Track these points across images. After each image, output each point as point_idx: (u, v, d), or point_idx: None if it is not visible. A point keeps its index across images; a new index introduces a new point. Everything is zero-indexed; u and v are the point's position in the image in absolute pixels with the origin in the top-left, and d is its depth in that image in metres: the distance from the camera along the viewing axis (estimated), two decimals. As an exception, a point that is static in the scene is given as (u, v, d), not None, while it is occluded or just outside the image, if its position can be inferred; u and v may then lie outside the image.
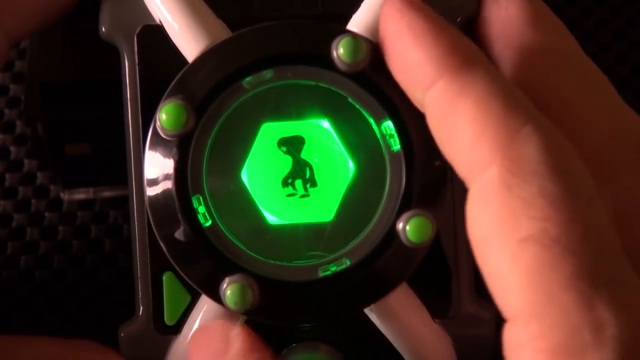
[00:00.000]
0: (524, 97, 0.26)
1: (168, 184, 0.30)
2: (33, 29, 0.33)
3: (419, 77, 0.27)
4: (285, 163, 0.31)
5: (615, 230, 0.25)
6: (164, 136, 0.29)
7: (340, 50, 0.29)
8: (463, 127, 0.26)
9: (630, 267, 0.24)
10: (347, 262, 0.30)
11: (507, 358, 0.25)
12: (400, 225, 0.29)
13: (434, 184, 0.30)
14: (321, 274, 0.30)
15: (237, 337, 0.29)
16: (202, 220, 0.30)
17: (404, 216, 0.29)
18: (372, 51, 0.29)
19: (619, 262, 0.24)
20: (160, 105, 0.29)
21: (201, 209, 0.30)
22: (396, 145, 0.30)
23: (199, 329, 0.30)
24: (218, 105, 0.30)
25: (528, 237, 0.24)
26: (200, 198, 0.30)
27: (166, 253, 0.30)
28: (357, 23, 0.30)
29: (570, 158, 0.25)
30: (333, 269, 0.30)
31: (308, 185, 0.31)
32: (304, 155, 0.31)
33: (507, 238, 0.24)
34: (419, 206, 0.29)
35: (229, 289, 0.29)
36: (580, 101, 0.29)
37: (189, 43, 0.30)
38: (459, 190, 0.31)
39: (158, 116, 0.29)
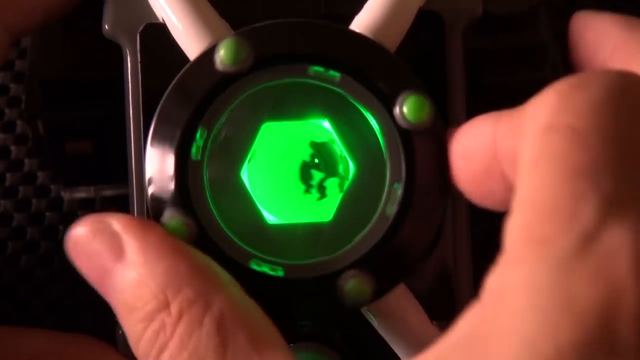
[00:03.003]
0: None
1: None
2: (34, 25, 0.33)
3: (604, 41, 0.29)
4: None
5: None
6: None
7: (222, 56, 0.29)
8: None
9: None
10: (399, 186, 0.30)
11: (503, 247, 0.24)
12: (397, 110, 0.30)
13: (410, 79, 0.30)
14: (389, 212, 0.30)
15: (126, 235, 0.28)
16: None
17: (398, 101, 0.30)
18: (254, 45, 0.29)
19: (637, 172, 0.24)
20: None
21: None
22: (336, 75, 0.30)
23: (73, 235, 0.29)
24: (194, 191, 0.30)
25: (554, 124, 0.24)
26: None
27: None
28: (360, 23, 0.30)
29: (631, 85, 0.25)
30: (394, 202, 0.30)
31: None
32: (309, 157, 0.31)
33: (537, 123, 0.24)
34: (409, 88, 0.30)
35: None
36: None
37: (192, 42, 0.30)
38: (458, 193, 0.31)
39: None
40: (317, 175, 0.31)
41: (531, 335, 0.21)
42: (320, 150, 0.31)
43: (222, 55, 0.29)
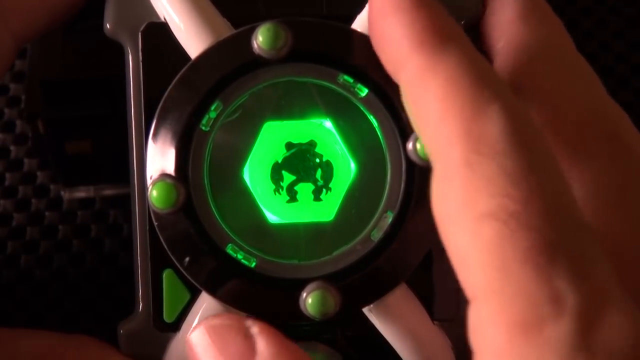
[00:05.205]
0: (496, 77, 0.26)
1: (190, 236, 0.30)
2: (39, 31, 0.33)
3: (397, 54, 0.27)
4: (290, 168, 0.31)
5: (579, 205, 0.25)
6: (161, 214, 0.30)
7: (259, 39, 0.29)
8: (431, 105, 0.26)
9: (593, 240, 0.24)
10: (391, 215, 0.30)
11: (471, 340, 0.25)
12: (410, 146, 0.29)
13: None
14: (375, 238, 0.30)
15: (260, 336, 0.28)
16: (246, 263, 0.30)
17: (411, 139, 0.29)
18: (292, 36, 0.29)
19: (581, 235, 0.24)
20: (149, 187, 0.30)
21: (240, 255, 0.30)
22: (362, 91, 0.30)
23: (209, 326, 0.29)
24: (196, 163, 0.30)
25: (487, 213, 0.24)
26: (235, 246, 0.30)
27: (169, 254, 0.30)
28: (362, 23, 0.30)
29: (534, 137, 0.25)
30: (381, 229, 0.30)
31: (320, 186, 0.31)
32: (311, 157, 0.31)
33: (467, 215, 0.24)
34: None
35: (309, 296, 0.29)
36: (559, 92, 0.29)
37: (194, 41, 0.30)
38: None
39: (149, 196, 0.30)
40: (287, 178, 0.31)
41: None
42: (296, 153, 0.31)
43: (260, 38, 0.29)
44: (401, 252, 0.30)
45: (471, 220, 0.24)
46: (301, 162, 0.31)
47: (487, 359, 0.24)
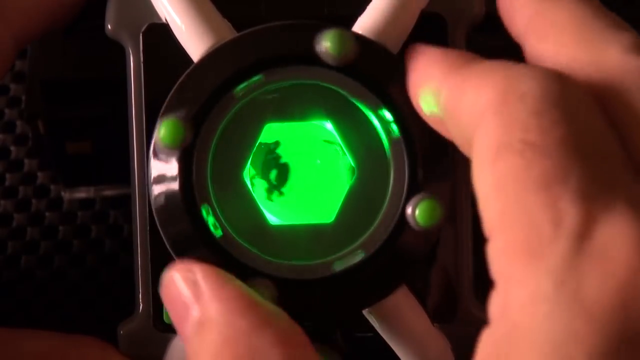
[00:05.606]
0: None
1: (174, 187, 0.29)
2: (40, 31, 0.33)
3: (432, 82, 0.28)
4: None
5: (610, 133, 0.24)
6: (163, 151, 0.29)
7: (327, 44, 0.29)
8: (467, 96, 0.26)
9: (615, 163, 0.24)
10: (362, 254, 0.30)
11: (492, 275, 0.24)
12: (409, 211, 0.29)
13: (437, 169, 0.30)
14: (337, 269, 0.30)
15: (203, 280, 0.28)
16: (213, 230, 0.30)
17: (413, 201, 0.29)
18: (359, 44, 0.29)
19: (607, 160, 0.24)
20: (158, 122, 0.29)
21: (211, 220, 0.30)
22: (395, 132, 0.30)
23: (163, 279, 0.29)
24: (214, 117, 0.30)
25: (503, 145, 0.24)
26: (209, 208, 0.30)
27: (173, 255, 0.30)
28: (363, 25, 0.30)
29: (566, 82, 0.25)
30: (347, 262, 0.30)
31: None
32: (305, 156, 0.31)
33: (487, 152, 0.24)
34: (426, 191, 0.29)
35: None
36: None
37: (194, 42, 0.30)
38: (459, 194, 0.31)
39: (156, 133, 0.29)
40: (251, 172, 0.31)
41: (557, 344, 0.22)
42: (260, 151, 0.31)
43: (329, 43, 0.29)
44: (397, 259, 0.30)
45: (490, 155, 0.24)
46: (261, 160, 0.31)
47: (498, 292, 0.23)
